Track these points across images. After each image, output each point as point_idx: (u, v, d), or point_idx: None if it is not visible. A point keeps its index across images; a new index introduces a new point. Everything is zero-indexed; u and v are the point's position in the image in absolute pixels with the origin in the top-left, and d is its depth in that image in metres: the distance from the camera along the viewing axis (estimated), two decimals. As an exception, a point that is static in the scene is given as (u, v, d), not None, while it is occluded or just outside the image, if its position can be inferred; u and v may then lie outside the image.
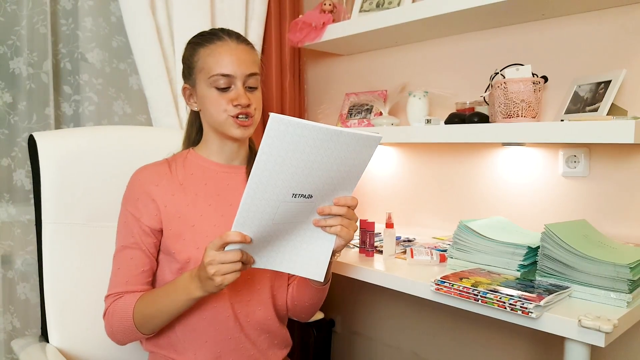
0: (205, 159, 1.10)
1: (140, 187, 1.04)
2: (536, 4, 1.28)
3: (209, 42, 1.04)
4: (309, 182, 0.84)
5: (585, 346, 0.88)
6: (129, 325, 0.99)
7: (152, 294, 1.00)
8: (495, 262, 1.11)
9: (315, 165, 0.82)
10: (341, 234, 0.91)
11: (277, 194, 0.82)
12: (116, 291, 1.02)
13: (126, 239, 1.04)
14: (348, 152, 0.83)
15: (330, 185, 0.87)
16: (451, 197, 1.65)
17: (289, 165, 0.80)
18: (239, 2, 1.75)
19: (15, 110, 1.47)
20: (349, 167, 0.86)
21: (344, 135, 0.81)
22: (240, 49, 1.04)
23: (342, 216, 0.90)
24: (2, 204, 1.46)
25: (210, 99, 1.03)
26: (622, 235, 1.27)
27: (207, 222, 1.04)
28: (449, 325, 1.67)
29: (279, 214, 0.85)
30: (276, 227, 0.87)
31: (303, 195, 0.85)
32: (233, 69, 1.02)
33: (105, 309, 1.03)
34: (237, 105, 1.02)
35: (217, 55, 1.02)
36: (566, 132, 1.12)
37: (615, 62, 1.27)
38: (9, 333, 1.45)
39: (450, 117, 1.44)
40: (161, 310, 0.97)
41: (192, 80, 1.07)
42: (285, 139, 0.78)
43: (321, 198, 0.88)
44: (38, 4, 1.47)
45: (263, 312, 1.09)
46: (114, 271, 1.04)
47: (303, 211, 0.88)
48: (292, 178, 0.82)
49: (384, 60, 1.83)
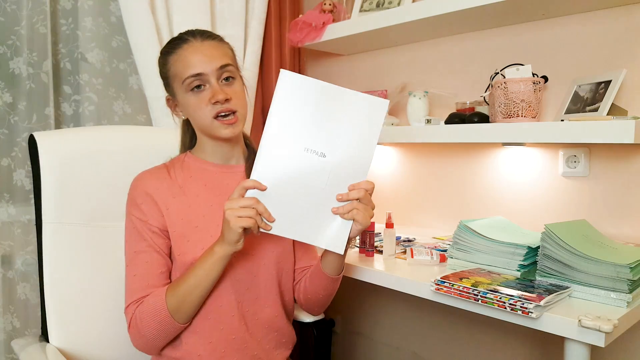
0: (203, 161, 1.10)
1: (142, 192, 1.04)
2: (536, 4, 1.28)
3: (176, 47, 1.03)
4: (319, 137, 0.91)
5: (585, 346, 0.88)
6: (163, 318, 0.97)
7: (179, 278, 0.99)
8: (496, 262, 1.11)
9: (323, 121, 0.90)
10: (357, 217, 0.92)
11: (290, 145, 0.90)
12: (138, 297, 1.00)
13: (138, 244, 1.02)
14: (354, 112, 0.91)
15: (341, 147, 0.91)
16: (451, 197, 1.65)
17: (298, 118, 0.90)
18: (239, 2, 1.75)
19: (15, 110, 1.47)
20: (357, 129, 0.91)
21: (348, 95, 0.90)
22: (206, 45, 1.03)
23: (358, 200, 0.92)
24: (2, 204, 1.46)
25: (191, 105, 1.02)
26: (622, 235, 1.27)
27: (210, 222, 1.04)
28: (449, 325, 1.67)
29: (294, 168, 0.91)
30: (293, 185, 0.91)
31: (315, 152, 0.91)
32: (202, 66, 1.00)
33: (130, 320, 1.00)
34: (216, 103, 1.00)
35: (184, 58, 1.01)
36: (566, 132, 1.12)
37: (615, 62, 1.27)
38: (9, 333, 1.45)
39: (450, 117, 1.44)
40: (193, 284, 0.96)
41: (171, 90, 1.07)
42: (294, 92, 0.89)
43: (336, 163, 0.92)
44: (38, 4, 1.47)
45: (271, 310, 1.09)
46: (130, 279, 1.01)
47: (319, 173, 0.92)
48: (302, 131, 0.90)
49: (384, 60, 1.83)
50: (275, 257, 1.09)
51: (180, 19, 1.62)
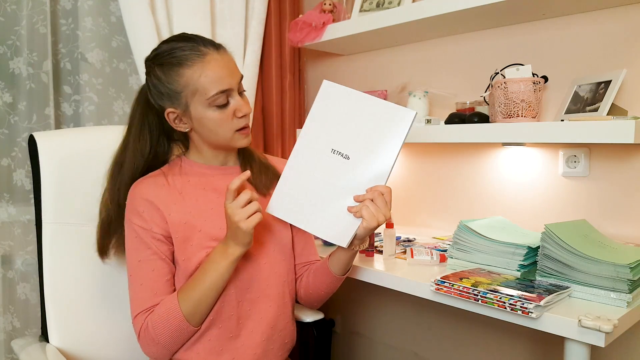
0: (200, 165, 1.10)
1: (142, 199, 1.02)
2: (536, 4, 1.28)
3: (189, 60, 0.97)
4: (346, 141, 0.98)
5: (585, 346, 0.88)
6: (178, 324, 0.97)
7: (190, 282, 0.99)
8: (495, 262, 1.11)
9: (351, 126, 0.98)
10: (364, 214, 0.95)
11: (320, 146, 1.00)
12: (147, 307, 0.99)
13: (141, 253, 1.01)
14: (380, 120, 0.96)
15: (364, 152, 0.97)
16: (451, 197, 1.65)
17: (331, 121, 0.99)
18: (239, 2, 1.75)
19: (15, 110, 1.47)
20: (381, 136, 0.96)
21: (377, 103, 0.97)
22: (225, 58, 1.01)
23: (371, 200, 0.95)
24: (2, 204, 1.46)
25: (212, 121, 1.00)
26: (622, 235, 1.27)
27: (212, 226, 1.04)
28: (449, 325, 1.67)
29: (320, 166, 1.00)
30: (316, 181, 1.00)
31: (341, 153, 0.98)
32: (229, 82, 0.99)
33: (140, 329, 0.98)
34: (242, 117, 1.02)
35: (210, 73, 0.97)
36: (566, 132, 1.12)
37: (615, 62, 1.27)
38: (9, 333, 1.45)
39: (450, 117, 1.44)
40: (208, 287, 0.97)
41: (180, 103, 1.00)
42: (332, 99, 1.00)
43: (358, 166, 0.98)
44: (38, 4, 1.47)
45: (272, 310, 1.09)
46: (136, 288, 1.00)
47: (341, 174, 0.98)
48: (332, 133, 0.99)
49: (384, 60, 1.83)
50: (275, 256, 1.10)
51: (180, 19, 1.62)
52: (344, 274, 1.12)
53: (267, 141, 1.91)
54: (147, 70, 1.04)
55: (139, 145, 1.07)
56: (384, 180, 0.97)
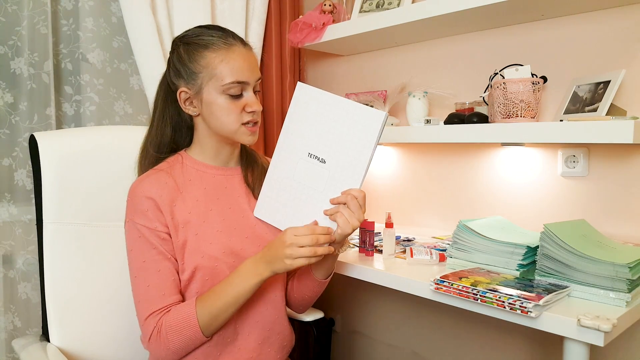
0: (202, 163, 1.09)
1: (145, 198, 0.99)
2: (536, 4, 1.29)
3: (215, 45, 1.00)
4: (321, 144, 0.98)
5: (584, 345, 0.88)
6: (193, 334, 0.95)
7: (213, 292, 0.97)
8: (495, 262, 1.12)
9: (325, 129, 0.98)
10: (338, 220, 0.94)
11: (297, 150, 1.01)
12: (157, 308, 0.97)
13: (146, 254, 0.98)
14: (352, 122, 0.96)
15: (339, 155, 0.97)
16: (451, 197, 1.65)
17: (307, 125, 1.00)
18: (239, 3, 1.75)
19: (16, 110, 1.47)
20: (354, 139, 0.96)
21: (348, 105, 0.96)
22: (250, 54, 1.03)
23: (345, 204, 0.95)
24: (4, 203, 1.47)
25: (222, 108, 1.01)
26: (621, 235, 1.27)
27: (210, 228, 1.03)
28: (449, 324, 1.67)
29: (299, 171, 1.01)
30: (295, 185, 1.01)
31: (317, 157, 0.99)
32: (248, 75, 1.01)
33: (152, 331, 0.96)
34: (251, 112, 1.02)
35: (232, 61, 0.99)
36: (565, 132, 1.12)
37: (614, 62, 1.27)
38: (10, 332, 1.46)
39: (449, 117, 1.44)
40: (230, 302, 0.96)
41: (195, 85, 1.01)
42: (306, 102, 1.00)
43: (334, 169, 0.98)
44: (39, 4, 1.48)
45: (271, 313, 1.09)
46: (143, 289, 0.97)
47: (318, 177, 0.99)
48: (308, 136, 0.99)
49: (383, 60, 1.83)
50: None
51: (181, 19, 1.62)
52: (327, 278, 1.11)
53: (267, 141, 1.91)
54: (172, 49, 1.06)
55: (162, 124, 1.09)
56: (358, 182, 0.95)
